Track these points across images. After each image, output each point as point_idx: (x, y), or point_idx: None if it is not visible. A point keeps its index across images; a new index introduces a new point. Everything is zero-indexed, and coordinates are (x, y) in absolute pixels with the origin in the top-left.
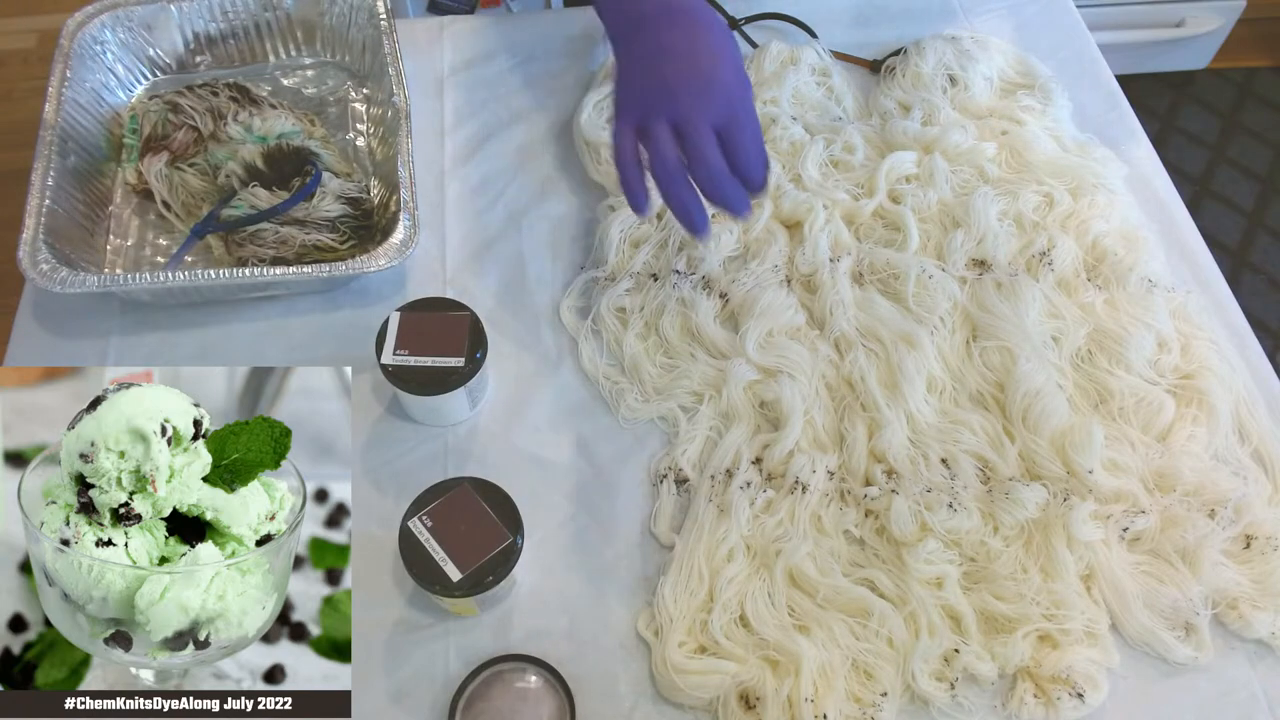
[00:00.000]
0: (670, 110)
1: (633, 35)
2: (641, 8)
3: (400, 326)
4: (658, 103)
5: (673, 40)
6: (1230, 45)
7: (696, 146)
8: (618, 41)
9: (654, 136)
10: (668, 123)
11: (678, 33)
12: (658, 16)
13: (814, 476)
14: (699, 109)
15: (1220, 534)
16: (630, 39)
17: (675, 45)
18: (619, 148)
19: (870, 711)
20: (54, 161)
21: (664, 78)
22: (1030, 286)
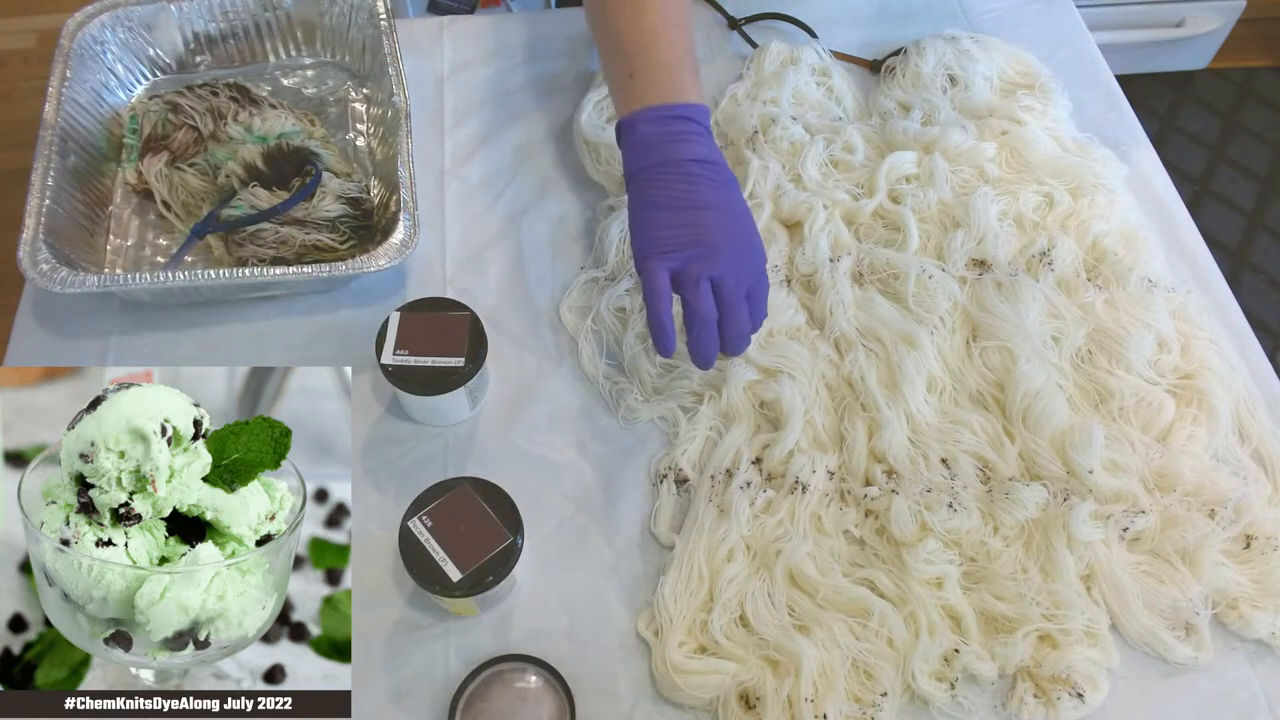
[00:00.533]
0: (713, 269)
1: (661, 174)
2: (673, 150)
3: (400, 326)
4: (700, 257)
5: (708, 194)
6: (1230, 45)
7: (731, 306)
8: (643, 173)
9: (699, 291)
10: (709, 280)
11: (709, 186)
12: (689, 162)
13: (814, 476)
14: (738, 272)
15: (1220, 534)
16: (658, 177)
17: (710, 199)
18: (656, 291)
19: (870, 711)
20: (54, 161)
21: (706, 232)
22: (1030, 286)
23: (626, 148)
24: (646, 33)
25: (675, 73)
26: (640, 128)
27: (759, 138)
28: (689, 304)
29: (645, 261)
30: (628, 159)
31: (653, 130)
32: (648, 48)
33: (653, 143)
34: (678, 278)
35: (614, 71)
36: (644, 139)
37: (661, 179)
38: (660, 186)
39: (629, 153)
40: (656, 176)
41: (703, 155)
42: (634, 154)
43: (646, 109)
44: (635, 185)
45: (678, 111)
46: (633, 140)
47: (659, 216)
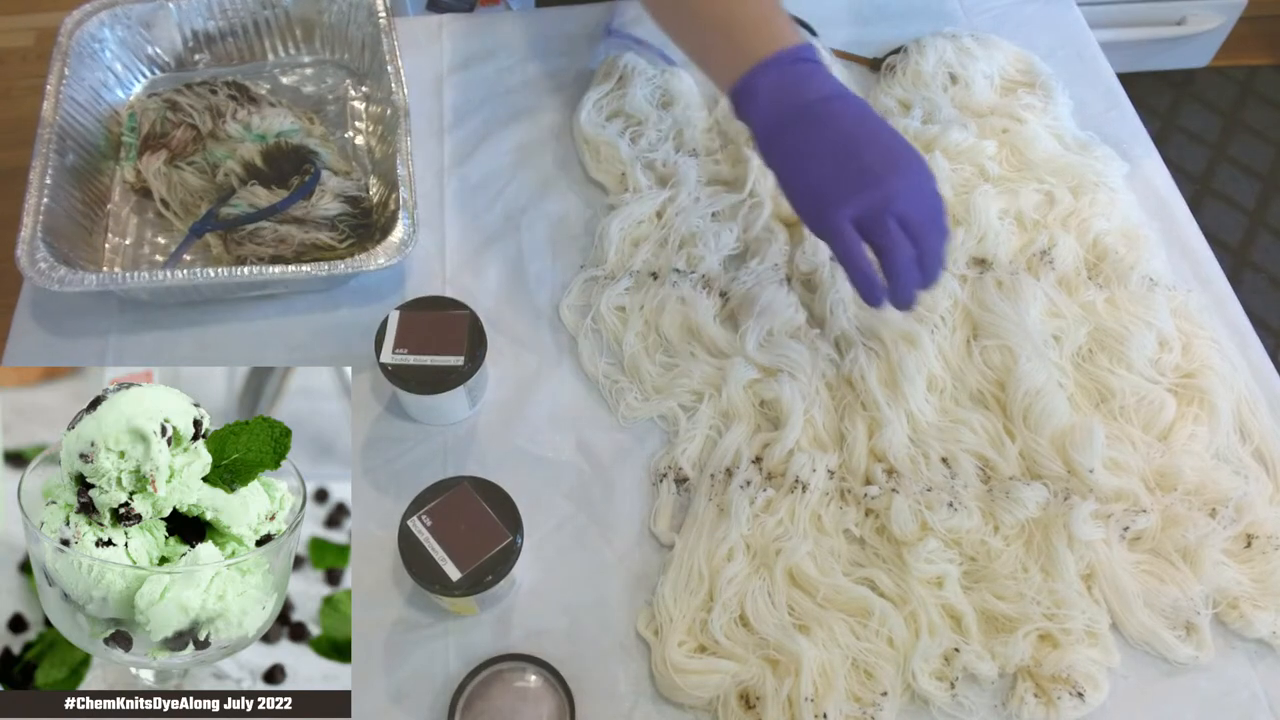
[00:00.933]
0: (894, 203)
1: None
2: (801, 93)
3: (400, 325)
4: (878, 196)
5: (855, 129)
6: (1231, 43)
7: (924, 237)
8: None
9: (890, 232)
10: (893, 218)
11: (853, 121)
12: (821, 102)
13: (814, 475)
14: (918, 199)
15: (1221, 533)
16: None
17: (859, 133)
18: (849, 244)
19: (870, 711)
20: (52, 160)
21: (871, 168)
22: (1031, 285)
23: (751, 108)
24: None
25: (772, 21)
26: (759, 84)
27: None
28: (886, 248)
29: (825, 216)
30: (757, 119)
31: (772, 82)
32: (734, 11)
33: (777, 95)
34: (862, 224)
35: (707, 47)
36: (767, 94)
37: (800, 128)
38: (802, 136)
39: (757, 111)
40: (793, 127)
41: (832, 91)
42: (762, 110)
43: (758, 65)
44: (775, 143)
45: (791, 55)
46: (756, 98)
47: (815, 166)
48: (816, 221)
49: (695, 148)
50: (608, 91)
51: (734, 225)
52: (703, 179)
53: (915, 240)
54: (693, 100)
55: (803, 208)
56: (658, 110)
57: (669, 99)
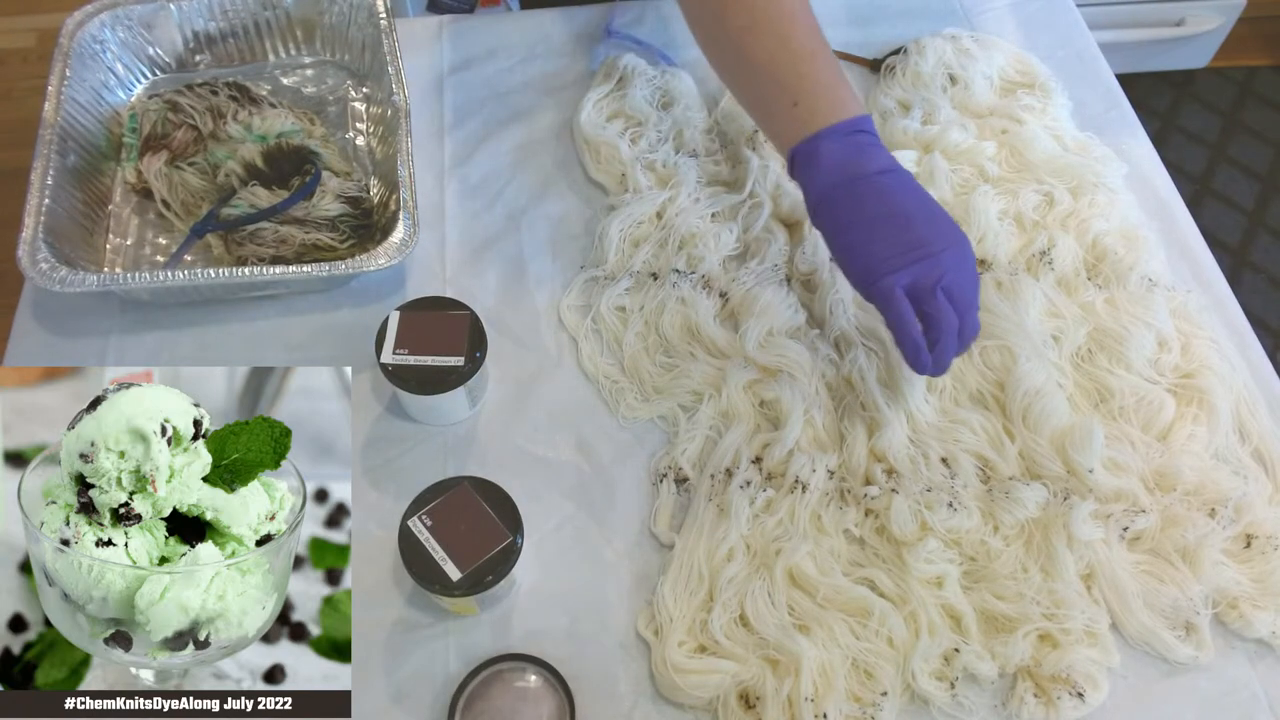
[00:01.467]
0: (943, 276)
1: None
2: (861, 165)
3: (400, 325)
4: (928, 267)
5: (908, 202)
6: (1230, 44)
7: (966, 311)
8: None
9: (938, 302)
10: (942, 289)
11: (907, 194)
12: (879, 175)
13: (814, 476)
14: (963, 274)
15: (1221, 533)
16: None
17: (912, 207)
18: (901, 312)
19: (870, 711)
20: (53, 160)
21: (924, 241)
22: (1030, 285)
23: (810, 172)
24: (798, 58)
25: (838, 89)
26: (823, 149)
27: (759, 137)
28: (932, 317)
29: (878, 282)
30: (815, 182)
31: (836, 149)
32: (804, 73)
33: (839, 161)
34: (912, 292)
35: (769, 103)
36: (830, 160)
37: (858, 194)
38: (859, 204)
39: (815, 175)
40: (852, 193)
41: (888, 165)
42: (821, 176)
43: (825, 130)
44: (831, 207)
45: (854, 126)
46: (817, 163)
47: (870, 235)
48: (869, 286)
49: (695, 148)
50: (608, 92)
51: (734, 225)
52: (703, 179)
53: (958, 312)
54: (693, 101)
55: (855, 271)
56: (657, 111)
57: (669, 100)
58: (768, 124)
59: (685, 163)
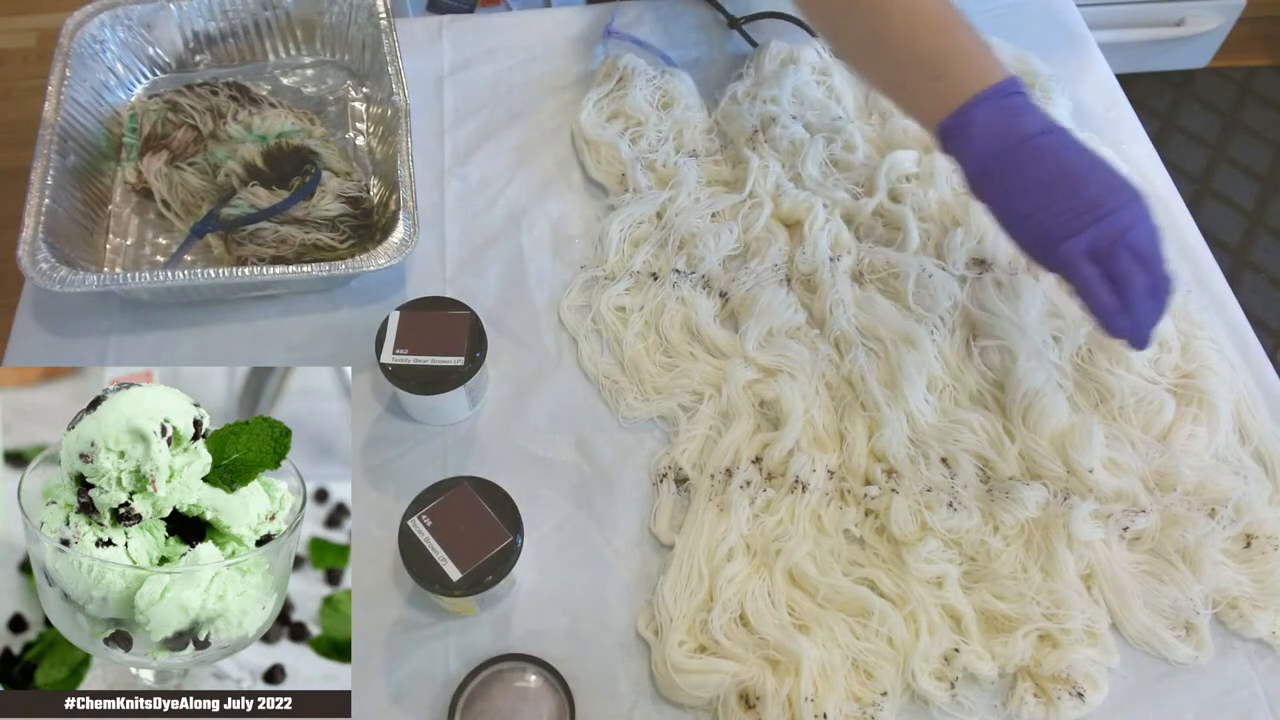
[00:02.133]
0: (1123, 233)
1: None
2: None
3: (400, 326)
4: (1107, 226)
5: (1075, 160)
6: (1230, 44)
7: (1155, 265)
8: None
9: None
10: (1126, 248)
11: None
12: (1040, 135)
13: (814, 475)
14: (1144, 226)
15: (1221, 533)
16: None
17: (1079, 164)
18: (1087, 276)
19: (870, 711)
20: (53, 160)
21: (1096, 199)
22: (1030, 285)
23: (964, 144)
24: (935, 31)
25: (980, 56)
26: (975, 118)
27: (759, 137)
28: (1123, 276)
29: (1055, 249)
30: (970, 154)
31: (988, 117)
32: (945, 45)
33: (994, 129)
34: (1095, 255)
35: (908, 80)
36: (984, 129)
37: (1020, 161)
38: (1023, 170)
39: (970, 147)
40: (1013, 161)
41: (1046, 125)
42: (977, 146)
43: (973, 99)
44: (993, 177)
45: (1003, 90)
46: (970, 134)
47: (1039, 201)
48: (1047, 255)
49: (695, 148)
50: (608, 92)
51: (734, 225)
52: (703, 179)
53: (1147, 268)
54: (692, 101)
55: (1029, 242)
56: (657, 111)
57: (669, 100)
58: (910, 101)
59: (685, 163)
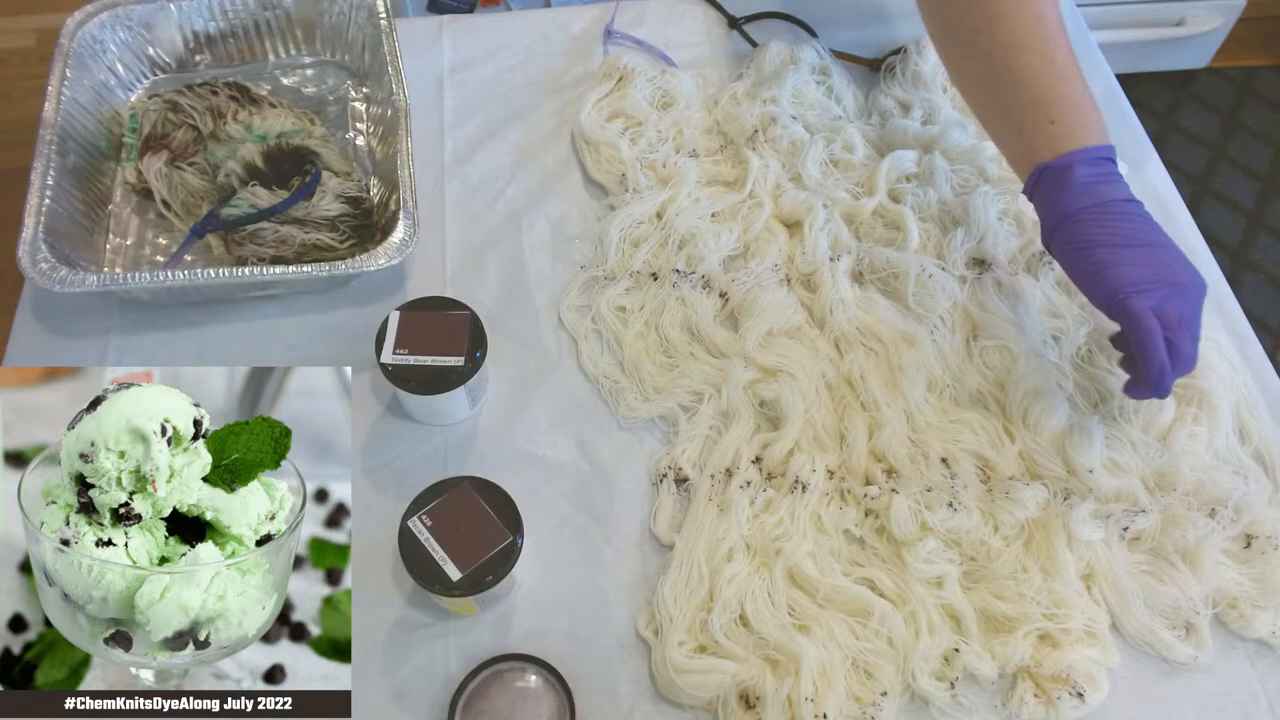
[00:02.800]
0: (1185, 307)
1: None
2: (1109, 190)
3: (400, 325)
4: (1174, 296)
5: (1153, 233)
6: (1230, 44)
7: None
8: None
9: (1184, 331)
10: (1184, 320)
11: (1150, 226)
12: (1126, 203)
13: (814, 475)
14: (1199, 310)
15: (1221, 533)
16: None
17: (1156, 238)
18: (1151, 331)
19: (870, 711)
20: (54, 160)
21: (1170, 270)
22: (1030, 286)
23: (1056, 190)
24: (1062, 79)
25: (1095, 115)
26: (1076, 170)
27: (759, 137)
28: (1176, 345)
29: (1126, 301)
30: (1059, 201)
31: (1089, 171)
32: (1065, 93)
33: (1090, 184)
34: (1159, 315)
35: (1023, 119)
36: (1080, 181)
37: (1106, 220)
38: (1107, 227)
39: (1062, 195)
40: (1104, 215)
41: (1131, 195)
42: (1071, 196)
43: (1080, 150)
44: (1077, 226)
45: (1105, 153)
46: (1067, 183)
47: (1121, 255)
48: (1117, 302)
49: (695, 148)
50: (608, 92)
51: (734, 225)
52: (702, 179)
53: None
54: (692, 101)
55: (1105, 288)
56: (657, 111)
57: (669, 100)
58: (1016, 138)
59: (685, 163)
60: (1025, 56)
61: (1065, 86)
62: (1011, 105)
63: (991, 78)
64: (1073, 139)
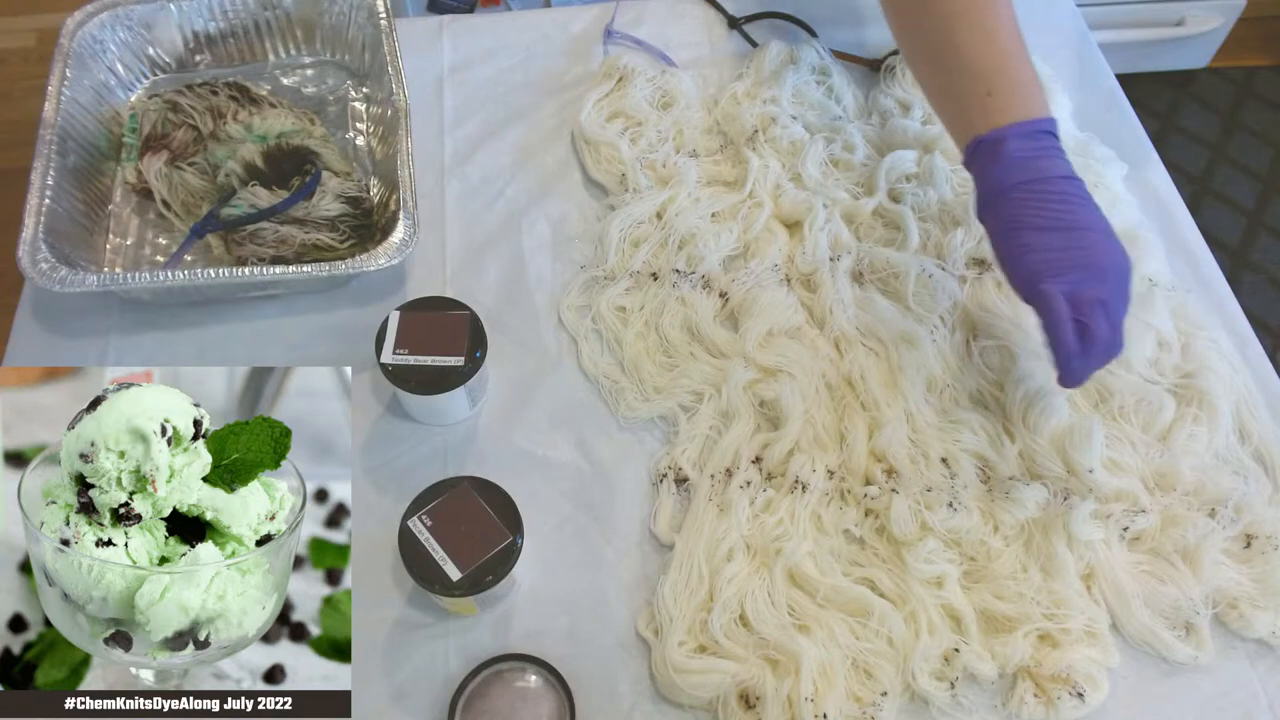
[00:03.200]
0: (1103, 292)
1: (1034, 192)
2: (1045, 166)
3: (400, 325)
4: (1093, 281)
5: (1086, 214)
6: (1230, 44)
7: (1119, 330)
8: (1015, 190)
9: (1098, 316)
10: (1101, 305)
11: (1084, 206)
12: (1062, 180)
13: (814, 475)
14: (1122, 296)
15: (1221, 533)
16: (1032, 196)
17: (1089, 220)
18: (1061, 317)
19: (870, 711)
20: (54, 160)
21: (1095, 255)
22: None
23: (990, 164)
24: (1002, 52)
25: (1034, 89)
26: (1010, 144)
27: (759, 137)
28: (1090, 330)
29: (1039, 285)
30: (992, 176)
31: (1023, 146)
32: (1004, 66)
33: (1024, 159)
34: (1073, 300)
35: (962, 90)
36: (1014, 155)
37: (1037, 197)
38: (1037, 206)
39: (995, 169)
40: (1030, 194)
41: (1069, 172)
42: (1003, 170)
43: (1014, 124)
44: (1007, 204)
45: (1042, 126)
46: (1000, 156)
47: (1044, 239)
48: (1030, 287)
49: (695, 148)
50: (608, 92)
51: (734, 225)
52: (702, 179)
53: (1111, 328)
54: (692, 101)
55: (1021, 272)
56: (657, 111)
57: (669, 100)
58: (955, 111)
59: (685, 163)
60: (967, 30)
61: (1005, 60)
62: (952, 79)
63: (935, 52)
64: (1009, 112)
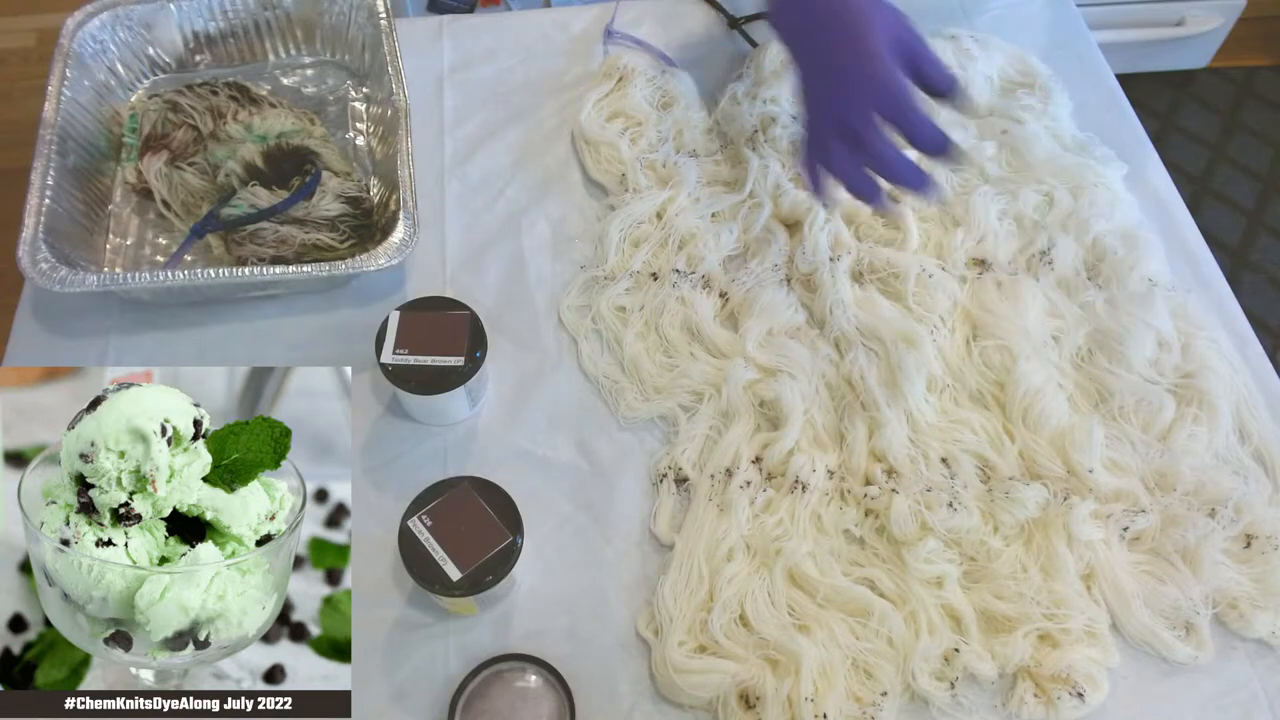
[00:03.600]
0: (841, 117)
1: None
2: (813, 12)
3: (400, 325)
4: (842, 107)
5: (832, 42)
6: (1230, 44)
7: (868, 145)
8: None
9: (867, 137)
10: (835, 127)
11: (834, 35)
12: (827, 19)
13: (814, 475)
14: (859, 109)
15: (1221, 533)
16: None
17: (837, 46)
18: (836, 162)
19: (870, 711)
20: (54, 160)
21: (841, 79)
22: (1030, 285)
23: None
24: None
25: None
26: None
27: (759, 137)
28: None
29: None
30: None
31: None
32: None
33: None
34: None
35: None
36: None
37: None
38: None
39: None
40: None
41: (835, 6)
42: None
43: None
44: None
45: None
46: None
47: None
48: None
49: (695, 148)
50: (608, 92)
51: (734, 225)
52: (703, 179)
53: (901, 130)
54: (692, 101)
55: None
56: (657, 111)
57: (669, 100)
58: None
59: (685, 163)
60: None
61: None
62: None
63: None
64: None
